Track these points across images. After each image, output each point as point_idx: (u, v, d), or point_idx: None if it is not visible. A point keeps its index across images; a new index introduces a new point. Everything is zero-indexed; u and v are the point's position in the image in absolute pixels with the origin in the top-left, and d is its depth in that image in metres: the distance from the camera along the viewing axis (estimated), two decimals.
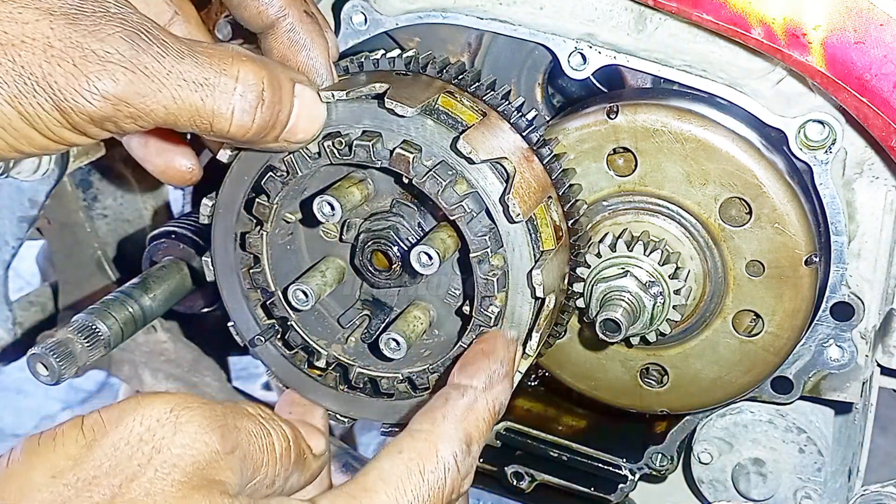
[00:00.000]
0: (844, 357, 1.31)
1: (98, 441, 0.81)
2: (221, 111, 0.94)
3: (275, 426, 0.91)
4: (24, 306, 2.04)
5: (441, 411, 0.98)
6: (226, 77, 0.94)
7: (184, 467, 0.81)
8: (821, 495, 1.47)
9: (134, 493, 0.78)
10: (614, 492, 1.48)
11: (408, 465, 0.91)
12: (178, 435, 0.82)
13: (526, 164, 1.12)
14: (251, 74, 0.96)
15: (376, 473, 0.89)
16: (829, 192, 1.21)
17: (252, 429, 0.88)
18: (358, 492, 0.87)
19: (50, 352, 1.27)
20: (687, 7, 1.13)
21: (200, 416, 0.84)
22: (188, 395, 0.87)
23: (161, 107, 0.91)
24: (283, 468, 0.90)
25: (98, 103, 0.88)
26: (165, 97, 0.91)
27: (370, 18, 1.29)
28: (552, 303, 1.13)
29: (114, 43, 0.88)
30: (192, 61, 0.92)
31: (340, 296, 1.26)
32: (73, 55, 0.87)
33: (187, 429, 0.83)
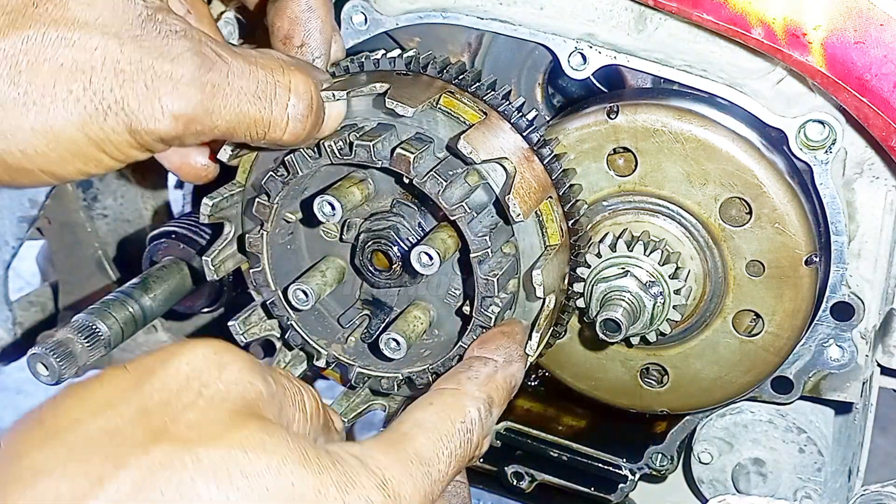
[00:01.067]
0: (844, 357, 1.31)
1: (146, 380, 0.81)
2: (277, 122, 0.99)
3: (305, 388, 0.93)
4: (24, 306, 2.04)
5: (465, 374, 1.02)
6: (281, 88, 0.98)
7: (234, 400, 0.81)
8: (821, 495, 1.47)
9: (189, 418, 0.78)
10: (614, 492, 1.48)
11: (440, 414, 0.94)
12: (225, 373, 0.83)
13: (526, 164, 1.12)
14: (302, 85, 1.00)
15: (412, 422, 0.92)
16: (829, 192, 1.21)
17: (286, 384, 0.90)
18: (397, 437, 0.89)
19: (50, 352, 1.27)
20: (687, 7, 1.13)
21: (242, 360, 0.85)
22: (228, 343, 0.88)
23: (225, 121, 0.94)
24: (312, 427, 0.91)
25: (170, 123, 0.91)
26: (230, 112, 0.94)
27: (370, 18, 1.29)
28: (552, 303, 1.13)
29: (182, 63, 0.90)
30: (252, 75, 0.96)
31: (340, 296, 1.26)
32: (145, 77, 0.89)
33: (232, 369, 0.83)
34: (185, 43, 0.91)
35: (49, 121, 0.87)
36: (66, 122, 0.87)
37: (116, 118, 0.88)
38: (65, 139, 0.88)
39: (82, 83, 0.87)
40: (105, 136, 0.89)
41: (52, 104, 0.87)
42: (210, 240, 1.55)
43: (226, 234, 1.22)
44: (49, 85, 0.86)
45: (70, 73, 0.86)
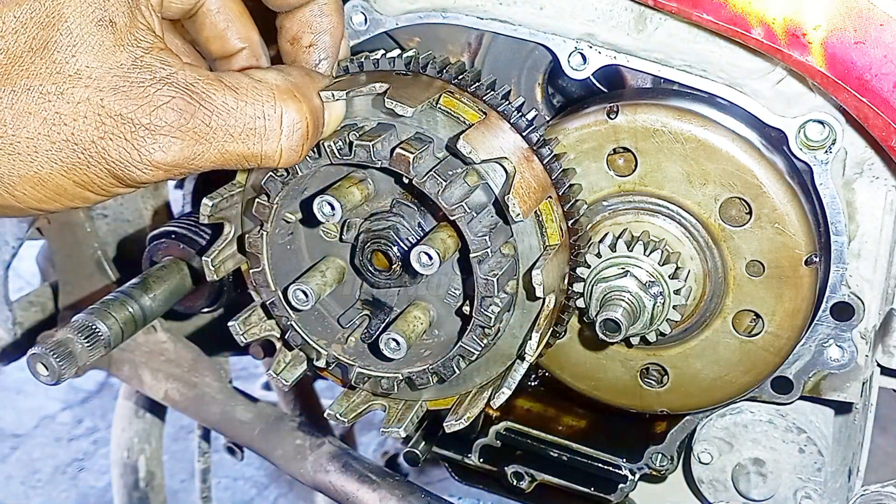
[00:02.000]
0: (844, 357, 1.31)
1: None
2: (269, 155, 0.99)
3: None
4: (24, 306, 2.05)
5: None
6: (272, 122, 0.98)
7: None
8: (821, 495, 1.47)
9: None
10: (614, 492, 1.48)
11: None
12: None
13: (526, 164, 1.12)
14: (295, 114, 1.00)
15: None
16: (829, 192, 1.21)
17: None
18: None
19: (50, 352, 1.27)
20: (687, 7, 1.13)
21: None
22: None
23: (211, 162, 0.96)
24: None
25: (152, 171, 0.93)
26: (214, 154, 0.96)
27: (370, 18, 1.29)
28: (552, 303, 1.13)
29: (163, 115, 0.92)
30: (238, 112, 0.96)
31: (340, 296, 1.26)
32: (125, 131, 0.91)
33: None
34: (169, 91, 0.92)
35: (35, 169, 0.91)
36: (52, 171, 0.91)
37: (99, 166, 0.92)
38: (51, 184, 0.92)
39: (65, 135, 0.90)
40: (89, 180, 0.93)
41: (38, 154, 0.91)
42: (210, 240, 1.55)
43: (226, 234, 1.23)
44: (34, 137, 0.90)
45: (54, 126, 0.90)
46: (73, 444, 4.50)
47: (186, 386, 1.92)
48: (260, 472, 4.23)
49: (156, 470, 2.50)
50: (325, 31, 1.13)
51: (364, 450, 3.93)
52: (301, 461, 1.71)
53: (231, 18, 1.12)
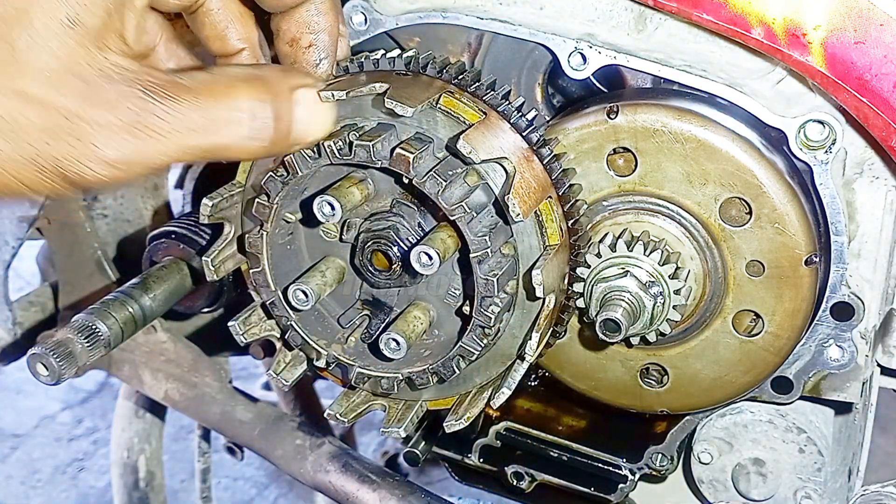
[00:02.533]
0: (844, 357, 1.31)
1: None
2: (232, 147, 0.96)
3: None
4: (24, 306, 2.04)
5: None
6: (231, 112, 0.95)
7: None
8: (821, 495, 1.47)
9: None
10: (614, 492, 1.48)
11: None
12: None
13: (526, 164, 1.12)
14: (256, 104, 0.97)
15: None
16: (829, 192, 1.21)
17: None
18: None
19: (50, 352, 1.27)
20: (687, 7, 1.13)
21: None
22: None
23: (169, 157, 0.93)
24: None
25: (106, 170, 0.90)
26: (173, 150, 0.93)
27: (370, 18, 1.29)
28: (552, 303, 1.13)
29: (116, 110, 0.89)
30: (196, 107, 0.93)
31: (340, 296, 1.26)
32: (76, 129, 0.88)
33: None
34: (124, 88, 0.90)
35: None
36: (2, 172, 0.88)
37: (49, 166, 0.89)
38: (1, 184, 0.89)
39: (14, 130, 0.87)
40: (39, 181, 0.90)
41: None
42: (210, 240, 1.55)
43: (226, 234, 1.23)
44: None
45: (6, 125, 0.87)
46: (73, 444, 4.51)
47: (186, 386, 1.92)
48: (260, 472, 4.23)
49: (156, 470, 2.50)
50: (324, 31, 1.12)
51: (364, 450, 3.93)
52: (301, 461, 1.71)
53: (231, 18, 1.11)
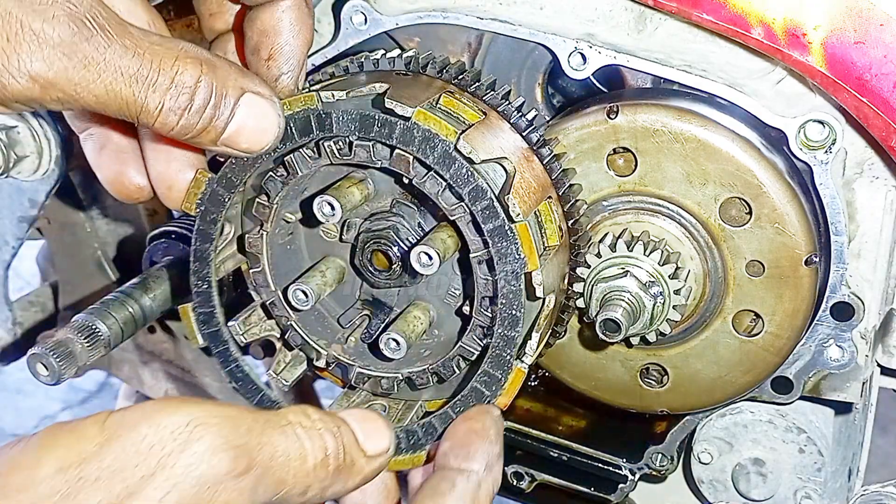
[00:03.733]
0: (844, 357, 1.31)
1: (111, 442, 0.80)
2: (149, 108, 0.93)
3: (312, 436, 0.89)
4: (24, 306, 2.04)
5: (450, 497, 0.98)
6: (162, 75, 0.92)
7: (185, 487, 0.79)
8: (821, 495, 1.47)
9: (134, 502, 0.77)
10: (614, 492, 1.48)
11: None
12: (186, 454, 0.80)
13: (526, 164, 1.12)
14: (188, 76, 0.94)
15: None
16: (829, 192, 1.21)
17: (280, 442, 0.87)
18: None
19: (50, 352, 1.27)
20: (687, 7, 1.13)
21: (215, 435, 0.82)
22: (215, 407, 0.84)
23: (92, 95, 0.90)
24: (316, 479, 0.89)
25: (27, 83, 0.86)
26: (98, 87, 0.89)
27: (370, 18, 1.29)
28: (552, 303, 1.13)
29: (55, 25, 0.86)
30: (134, 55, 0.90)
31: (340, 296, 1.26)
32: (9, 31, 0.84)
33: (197, 447, 0.81)
34: (69, 7, 0.86)
35: None
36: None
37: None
38: None
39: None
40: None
41: None
42: None
43: (226, 234, 1.22)
44: None
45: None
46: None
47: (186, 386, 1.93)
48: None
49: None
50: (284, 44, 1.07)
51: None
52: None
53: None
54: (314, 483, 0.89)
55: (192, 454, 0.81)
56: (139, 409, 0.82)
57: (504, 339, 1.09)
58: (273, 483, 0.85)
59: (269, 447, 0.85)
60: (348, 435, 0.93)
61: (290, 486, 0.87)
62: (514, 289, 1.06)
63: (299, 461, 0.87)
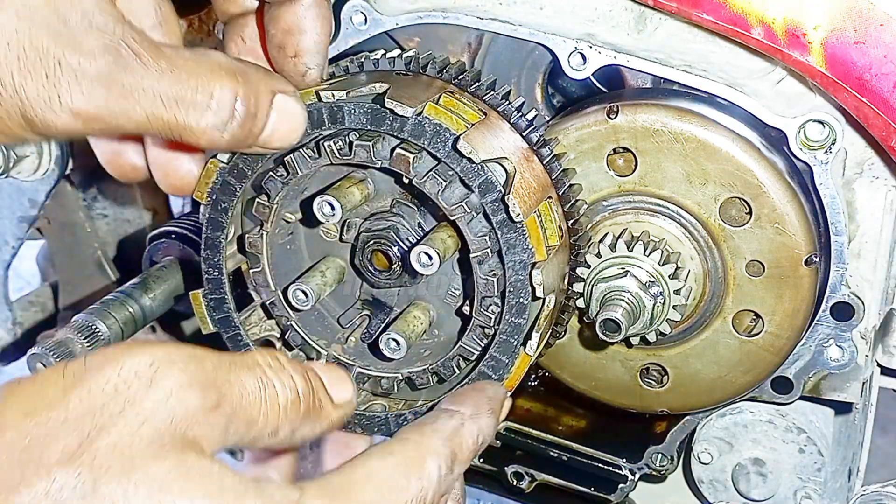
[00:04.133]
0: (844, 357, 1.31)
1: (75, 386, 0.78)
2: (192, 128, 0.94)
3: (281, 376, 0.88)
4: (24, 306, 2.04)
5: (431, 426, 0.98)
6: (202, 94, 0.93)
7: (155, 423, 0.78)
8: (821, 495, 1.47)
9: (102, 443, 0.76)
10: (614, 492, 1.48)
11: (396, 468, 0.90)
12: (153, 389, 0.79)
13: (526, 164, 1.12)
14: (228, 92, 0.95)
15: (365, 471, 0.88)
16: (829, 192, 1.21)
17: (247, 381, 0.86)
18: (346, 484, 0.86)
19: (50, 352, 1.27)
20: (687, 7, 1.13)
21: (181, 372, 0.81)
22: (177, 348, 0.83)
23: (133, 123, 0.90)
24: (286, 420, 0.88)
25: (68, 119, 0.87)
26: (139, 115, 0.90)
27: (370, 18, 1.29)
28: (552, 303, 1.13)
29: (92, 58, 0.86)
30: (171, 78, 0.91)
31: (340, 296, 1.26)
32: (48, 67, 0.85)
33: (165, 384, 0.80)
34: (104, 38, 0.87)
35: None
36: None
37: (12, 102, 0.85)
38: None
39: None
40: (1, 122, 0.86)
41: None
42: None
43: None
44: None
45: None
46: None
47: None
48: None
49: None
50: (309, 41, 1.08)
51: None
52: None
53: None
54: (285, 424, 0.88)
55: (160, 390, 0.79)
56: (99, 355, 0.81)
57: (512, 325, 1.10)
58: (244, 422, 0.84)
59: (238, 385, 0.84)
60: (317, 380, 0.92)
61: (261, 426, 0.86)
62: (522, 278, 1.08)
63: (270, 401, 0.86)
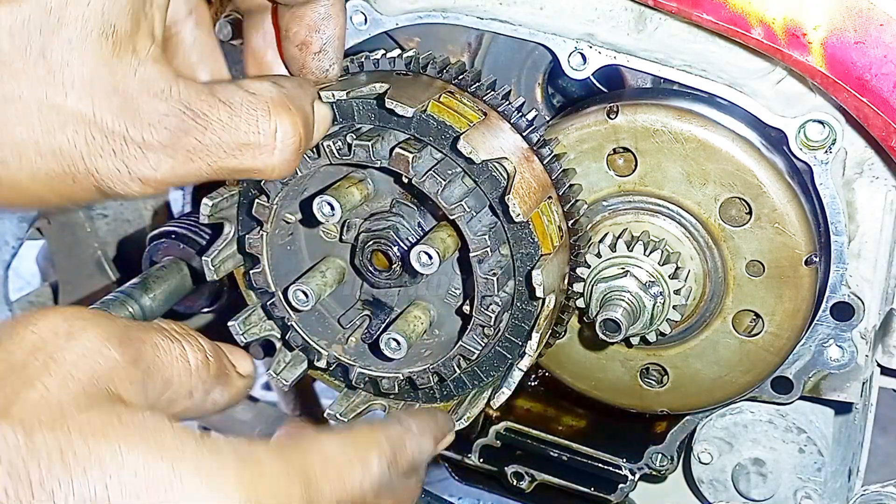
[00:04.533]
0: (844, 357, 1.31)
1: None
2: (261, 168, 0.96)
3: (189, 339, 0.90)
4: (24, 306, 2.04)
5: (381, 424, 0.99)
6: (265, 136, 0.95)
7: (80, 377, 0.78)
8: (821, 495, 1.47)
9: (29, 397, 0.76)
10: (614, 492, 1.48)
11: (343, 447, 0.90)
12: (73, 343, 0.80)
13: (526, 164, 1.12)
14: (289, 127, 0.97)
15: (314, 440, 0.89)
16: (829, 192, 1.21)
17: (159, 341, 0.87)
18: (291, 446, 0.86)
19: None
20: (687, 7, 1.13)
21: (96, 326, 0.82)
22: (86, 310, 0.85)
23: (200, 177, 0.93)
24: (199, 380, 0.89)
25: (140, 188, 0.90)
26: (206, 169, 0.93)
27: (370, 18, 1.29)
28: (552, 303, 1.13)
29: (157, 129, 0.88)
30: (233, 128, 0.93)
31: (340, 296, 1.26)
32: (116, 147, 0.87)
33: (83, 337, 0.80)
34: (164, 106, 0.89)
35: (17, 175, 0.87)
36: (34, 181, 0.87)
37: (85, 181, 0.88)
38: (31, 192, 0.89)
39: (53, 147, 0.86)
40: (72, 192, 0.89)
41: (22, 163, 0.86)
42: (210, 240, 1.55)
43: (226, 234, 1.23)
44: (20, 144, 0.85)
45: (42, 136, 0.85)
46: None
47: None
48: None
49: None
50: (333, 35, 1.10)
51: None
52: None
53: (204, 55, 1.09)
54: (198, 384, 0.89)
55: (80, 346, 0.80)
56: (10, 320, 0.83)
57: (522, 311, 1.13)
58: (161, 381, 0.85)
59: (151, 343, 0.86)
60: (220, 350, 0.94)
61: (177, 386, 0.87)
62: (530, 269, 1.10)
63: (181, 360, 0.88)
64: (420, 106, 1.06)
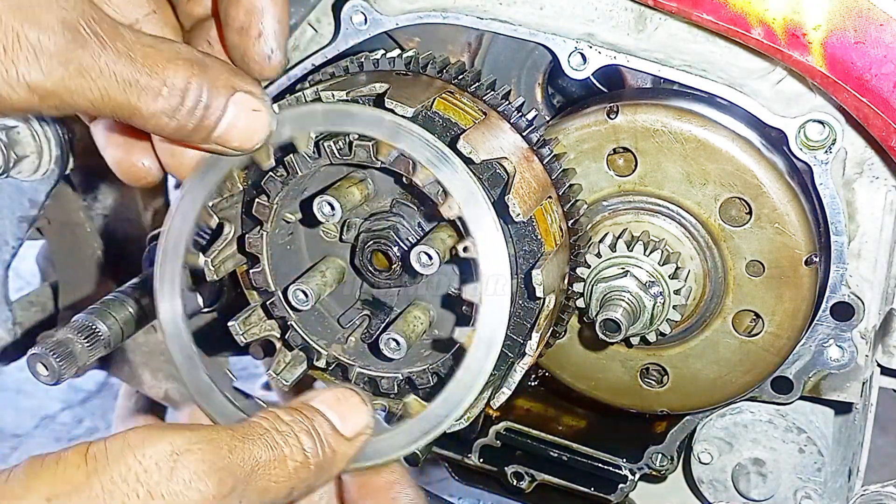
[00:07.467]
0: (844, 357, 1.31)
1: (98, 473, 0.82)
2: (142, 111, 0.94)
3: (289, 440, 0.91)
4: (24, 306, 2.04)
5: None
6: (154, 79, 0.93)
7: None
8: (821, 495, 1.47)
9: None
10: (614, 492, 1.48)
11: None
12: (173, 482, 0.83)
13: (526, 164, 1.12)
14: (180, 78, 0.95)
15: None
16: (829, 192, 1.21)
17: (260, 454, 0.89)
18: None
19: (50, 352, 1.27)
20: (687, 7, 1.13)
21: (199, 461, 0.84)
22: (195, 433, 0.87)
23: (87, 101, 0.91)
24: (299, 480, 0.91)
25: (25, 94, 0.88)
26: (93, 93, 0.90)
27: (370, 18, 1.29)
28: (552, 303, 1.13)
29: (51, 34, 0.87)
30: (127, 60, 0.92)
31: (340, 296, 1.26)
32: (6, 41, 0.85)
33: (183, 475, 0.83)
34: (63, 14, 0.87)
35: None
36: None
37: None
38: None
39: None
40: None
41: None
42: (210, 240, 1.55)
43: (226, 234, 1.22)
44: None
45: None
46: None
47: None
48: None
49: None
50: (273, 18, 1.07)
51: None
52: None
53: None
54: (297, 483, 0.91)
55: (179, 482, 0.83)
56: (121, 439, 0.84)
57: (524, 309, 1.12)
58: (257, 493, 0.88)
59: (251, 461, 0.88)
60: (324, 426, 0.94)
61: (275, 493, 0.89)
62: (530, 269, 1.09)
63: (280, 467, 0.90)
64: (425, 103, 1.06)
